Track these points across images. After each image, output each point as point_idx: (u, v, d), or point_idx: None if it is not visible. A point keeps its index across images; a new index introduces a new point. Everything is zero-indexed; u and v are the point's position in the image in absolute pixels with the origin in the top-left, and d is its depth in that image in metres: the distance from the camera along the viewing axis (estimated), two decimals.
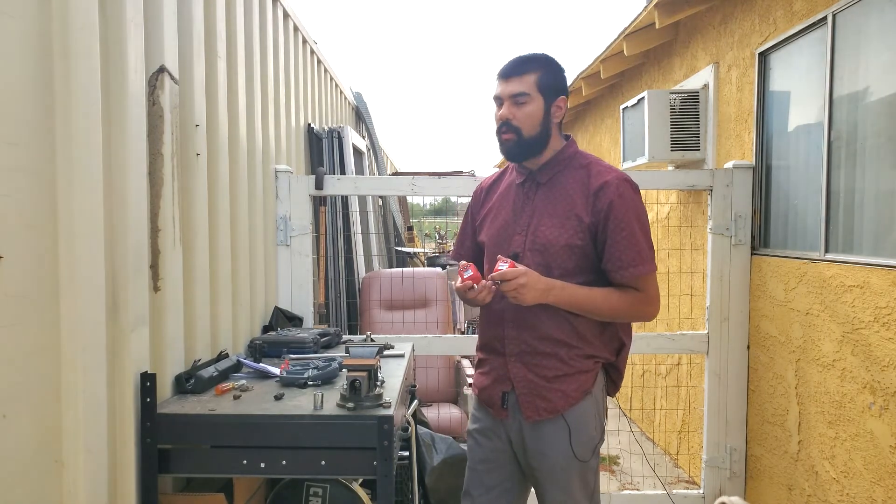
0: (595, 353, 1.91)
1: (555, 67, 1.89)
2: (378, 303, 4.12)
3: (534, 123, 1.85)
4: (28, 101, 1.39)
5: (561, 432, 1.86)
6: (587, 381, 1.88)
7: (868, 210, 2.50)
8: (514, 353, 1.91)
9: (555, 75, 1.88)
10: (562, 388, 1.86)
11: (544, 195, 1.90)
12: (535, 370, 1.88)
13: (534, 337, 1.87)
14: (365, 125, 6.23)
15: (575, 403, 1.86)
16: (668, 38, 4.32)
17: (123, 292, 1.71)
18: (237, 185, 2.58)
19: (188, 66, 2.11)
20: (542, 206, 1.89)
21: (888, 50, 2.37)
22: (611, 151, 5.77)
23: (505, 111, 1.86)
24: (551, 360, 1.87)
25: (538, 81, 1.84)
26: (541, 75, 1.84)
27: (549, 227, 1.87)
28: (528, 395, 1.88)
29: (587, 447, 1.88)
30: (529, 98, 1.84)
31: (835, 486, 2.62)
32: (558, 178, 1.90)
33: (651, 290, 1.89)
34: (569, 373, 1.86)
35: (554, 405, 1.86)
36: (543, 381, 1.87)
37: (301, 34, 3.71)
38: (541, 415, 1.87)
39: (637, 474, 3.92)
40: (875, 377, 2.37)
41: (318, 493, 2.12)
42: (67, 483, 1.50)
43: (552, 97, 1.87)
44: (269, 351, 2.45)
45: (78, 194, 1.50)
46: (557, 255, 1.85)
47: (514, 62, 1.87)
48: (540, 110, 1.85)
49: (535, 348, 1.88)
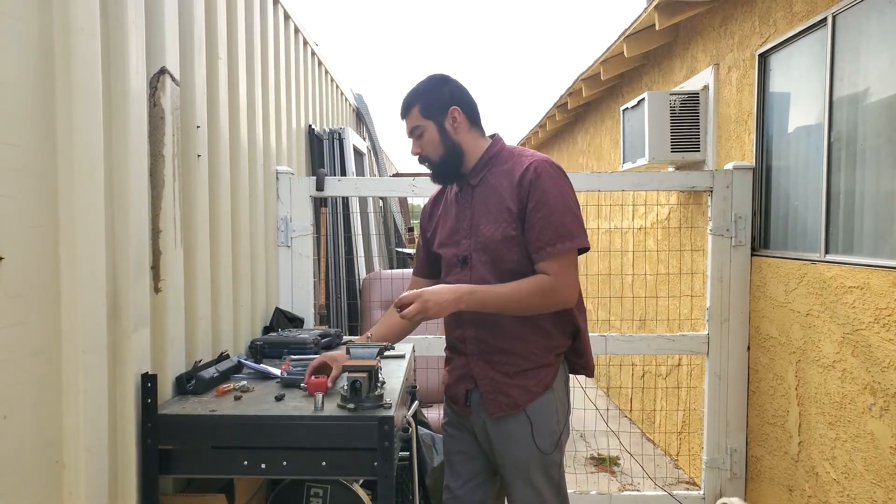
0: (554, 345, 1.94)
1: (431, 89, 1.96)
2: (379, 304, 4.11)
3: (436, 147, 1.95)
4: (29, 103, 1.39)
5: (523, 426, 1.90)
6: (548, 375, 1.93)
7: (868, 211, 2.50)
8: (475, 352, 1.96)
9: (431, 96, 1.95)
10: (522, 384, 1.90)
11: (478, 195, 1.97)
12: (497, 367, 1.93)
13: (493, 335, 1.92)
14: (365, 126, 6.24)
15: (535, 398, 1.91)
16: (668, 39, 4.32)
17: (124, 293, 1.71)
18: (238, 187, 2.58)
19: (189, 68, 2.12)
20: (478, 205, 1.96)
21: (888, 51, 2.37)
22: (611, 153, 5.78)
23: (413, 147, 2.00)
24: (511, 357, 1.91)
25: (421, 111, 1.94)
26: (420, 105, 1.94)
27: (486, 224, 1.92)
28: (491, 392, 1.93)
29: (550, 440, 1.92)
30: (422, 129, 1.95)
31: (835, 487, 2.62)
32: (487, 177, 1.96)
33: (563, 272, 1.82)
34: (529, 368, 1.91)
35: (515, 400, 1.90)
36: (505, 378, 1.92)
37: (302, 35, 3.72)
38: (503, 410, 1.92)
39: (637, 475, 3.92)
40: (875, 378, 2.37)
41: (318, 494, 2.12)
42: (68, 484, 1.50)
43: (440, 115, 1.94)
44: (270, 352, 2.45)
45: (79, 195, 1.50)
46: (499, 250, 1.89)
47: (401, 105, 2.00)
48: (435, 133, 1.94)
49: (495, 346, 1.93)
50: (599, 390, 6.01)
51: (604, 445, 4.28)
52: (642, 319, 4.82)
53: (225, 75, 2.42)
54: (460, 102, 1.95)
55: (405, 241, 6.77)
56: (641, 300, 4.71)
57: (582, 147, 7.10)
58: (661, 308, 4.37)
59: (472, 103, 1.99)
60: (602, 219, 5.96)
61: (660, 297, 4.38)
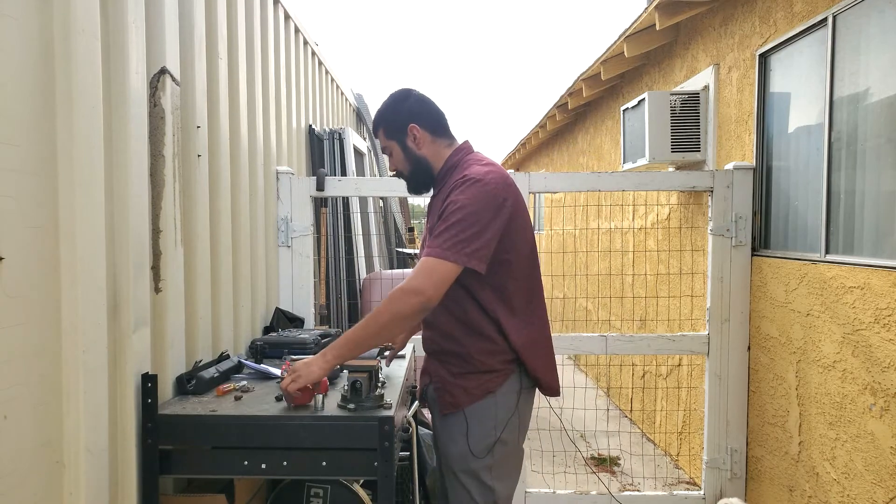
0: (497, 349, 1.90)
1: (390, 111, 2.03)
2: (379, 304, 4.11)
3: (404, 163, 2.04)
4: (30, 103, 1.39)
5: (460, 427, 1.92)
6: (491, 381, 1.92)
7: (868, 211, 2.50)
8: (430, 350, 2.03)
9: (391, 118, 2.02)
10: (464, 385, 1.92)
11: (432, 206, 2.05)
12: (445, 366, 1.97)
13: (439, 335, 1.97)
14: (366, 126, 6.24)
15: (476, 400, 1.92)
16: (668, 39, 4.32)
17: (124, 293, 1.71)
18: (238, 187, 2.58)
19: (189, 68, 2.12)
20: (431, 216, 2.02)
21: (889, 51, 2.37)
22: (611, 153, 5.78)
23: (389, 164, 2.09)
24: (454, 358, 1.95)
25: (385, 133, 2.04)
26: (384, 128, 2.03)
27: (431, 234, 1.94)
28: (440, 389, 1.97)
29: (483, 444, 1.91)
30: (389, 148, 2.05)
31: (835, 487, 2.62)
32: (442, 188, 2.00)
33: (416, 274, 1.77)
34: (471, 371, 1.92)
35: (456, 400, 1.93)
36: (450, 377, 1.95)
37: (302, 35, 3.72)
38: (447, 408, 1.95)
39: (638, 475, 3.92)
40: (876, 378, 2.37)
41: (319, 494, 2.12)
42: (68, 484, 1.50)
43: (400, 135, 2.01)
44: (270, 352, 2.45)
45: (79, 195, 1.50)
46: None
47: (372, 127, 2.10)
48: (400, 151, 2.03)
49: (441, 346, 1.97)
50: (600, 390, 6.01)
51: (604, 445, 4.28)
52: (643, 319, 4.82)
53: (225, 75, 2.42)
54: (418, 119, 2.00)
55: (405, 241, 6.77)
56: (642, 300, 4.71)
57: (582, 147, 7.10)
58: (662, 308, 4.37)
59: (434, 115, 2.02)
60: (602, 219, 5.96)
61: (660, 298, 4.38)
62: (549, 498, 3.29)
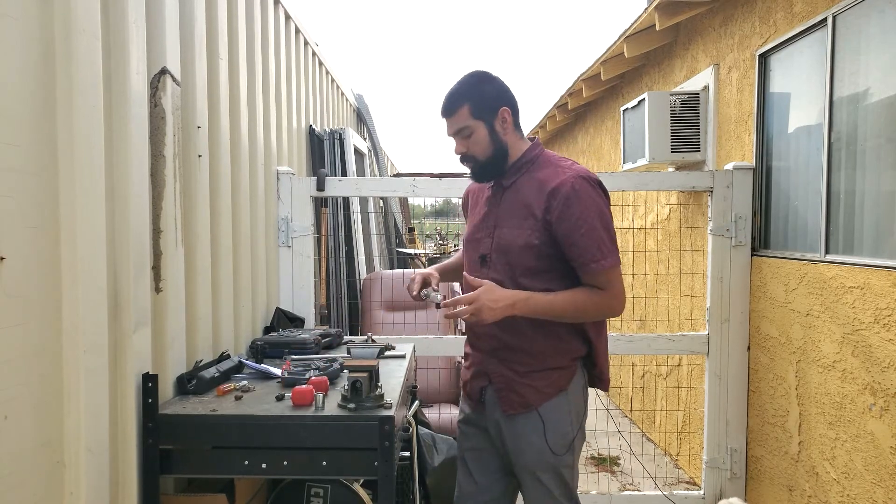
0: (568, 348, 1.94)
1: (483, 87, 1.92)
2: (379, 304, 4.12)
3: (485, 148, 1.92)
4: (30, 103, 1.39)
5: (536, 427, 1.91)
6: (561, 378, 1.93)
7: (868, 211, 2.50)
8: (488, 349, 1.97)
9: (484, 95, 1.91)
10: (533, 384, 1.91)
11: (507, 198, 1.97)
12: (509, 365, 1.94)
13: (507, 333, 1.92)
14: (366, 126, 6.24)
15: (548, 399, 1.91)
16: (668, 39, 4.32)
17: (125, 293, 1.71)
18: (239, 187, 2.58)
19: (190, 68, 2.12)
20: (505, 208, 1.96)
21: (888, 51, 2.37)
22: (611, 153, 5.78)
23: (458, 146, 1.95)
24: (522, 356, 1.92)
25: (471, 111, 1.89)
26: (471, 104, 1.89)
27: (509, 228, 1.92)
28: (504, 389, 1.94)
29: (562, 442, 1.92)
30: (470, 129, 1.90)
31: (835, 487, 2.62)
32: (519, 182, 1.95)
33: (615, 285, 1.87)
34: (540, 368, 1.91)
35: (526, 399, 1.91)
36: (516, 376, 1.93)
37: (302, 36, 3.72)
38: (515, 409, 1.93)
39: (637, 475, 3.92)
40: (875, 378, 2.37)
41: (319, 494, 2.12)
42: (69, 484, 1.50)
43: (491, 116, 1.91)
44: (271, 352, 2.45)
45: (80, 195, 1.50)
46: (518, 256, 1.89)
47: (446, 102, 1.93)
48: (485, 134, 1.91)
49: (507, 344, 1.93)
50: (600, 390, 6.01)
51: (604, 445, 4.28)
52: (642, 319, 4.82)
53: (226, 75, 2.42)
54: (509, 103, 1.94)
55: (405, 241, 6.78)
56: (642, 300, 4.71)
57: (582, 147, 7.10)
58: (662, 308, 4.37)
59: (517, 104, 1.97)
60: None
61: (660, 298, 4.38)
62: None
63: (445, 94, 1.94)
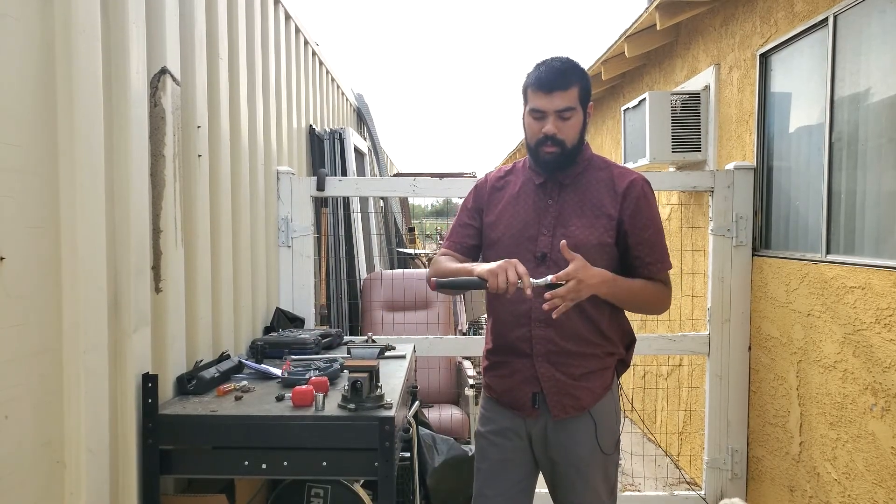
0: (614, 350, 1.96)
1: (587, 75, 1.89)
2: (379, 304, 4.12)
3: (576, 135, 1.85)
4: (30, 103, 1.39)
5: (587, 428, 1.91)
6: (608, 377, 1.95)
7: (869, 211, 2.50)
8: (541, 353, 1.88)
9: (587, 84, 1.86)
10: (589, 386, 1.90)
11: (570, 195, 1.91)
12: (563, 369, 1.88)
13: (561, 336, 1.87)
14: (366, 126, 6.24)
15: (599, 399, 1.92)
16: (669, 39, 4.32)
17: (125, 293, 1.71)
18: (239, 187, 2.58)
19: (190, 68, 2.12)
20: (570, 206, 1.90)
21: (889, 51, 2.37)
22: (612, 153, 5.77)
23: (551, 126, 1.81)
24: (578, 359, 1.89)
25: (579, 93, 1.82)
26: (580, 88, 1.82)
27: (579, 227, 1.87)
28: (556, 394, 1.89)
29: (611, 440, 1.95)
30: (574, 112, 1.81)
31: (836, 487, 2.62)
32: (581, 179, 1.92)
33: (669, 283, 1.98)
34: (594, 370, 1.91)
35: (581, 402, 1.89)
36: (571, 380, 1.88)
37: (303, 35, 3.72)
38: (568, 412, 1.89)
39: (638, 475, 3.92)
40: (876, 378, 2.37)
41: (319, 494, 2.12)
42: (69, 484, 1.50)
43: (586, 106, 1.87)
44: (271, 352, 2.45)
45: (80, 195, 1.50)
46: (589, 255, 1.79)
47: (558, 75, 1.80)
48: (580, 122, 1.85)
49: (563, 347, 1.87)
50: None
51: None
52: (643, 319, 4.82)
53: (226, 75, 2.42)
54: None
55: (406, 241, 6.77)
56: None
57: None
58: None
59: None
60: None
61: None
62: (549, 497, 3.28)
63: (552, 68, 1.81)
